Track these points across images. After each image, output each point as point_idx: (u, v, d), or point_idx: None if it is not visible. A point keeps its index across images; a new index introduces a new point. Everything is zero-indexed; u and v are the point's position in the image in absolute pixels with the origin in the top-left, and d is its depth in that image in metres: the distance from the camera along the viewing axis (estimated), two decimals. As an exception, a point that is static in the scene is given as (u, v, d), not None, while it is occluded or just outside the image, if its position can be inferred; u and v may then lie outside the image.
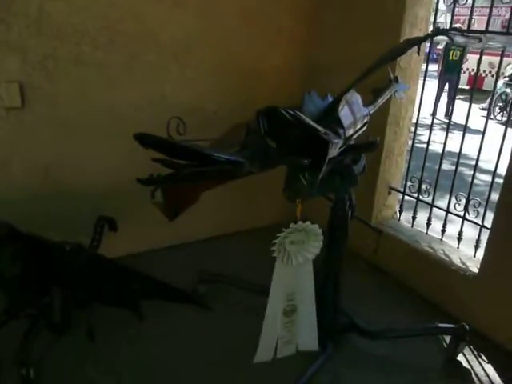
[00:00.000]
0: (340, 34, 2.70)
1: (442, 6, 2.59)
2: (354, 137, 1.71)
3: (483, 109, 8.23)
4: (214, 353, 1.96)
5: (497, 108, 8.24)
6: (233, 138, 1.85)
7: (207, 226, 2.98)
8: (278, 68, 2.87)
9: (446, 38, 1.23)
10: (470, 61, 9.26)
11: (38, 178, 2.32)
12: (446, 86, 7.90)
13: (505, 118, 7.90)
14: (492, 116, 7.68)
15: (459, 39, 1.25)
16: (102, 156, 2.45)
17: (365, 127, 1.77)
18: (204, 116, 2.64)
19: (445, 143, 2.46)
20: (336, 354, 1.90)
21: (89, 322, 1.69)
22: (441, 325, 1.99)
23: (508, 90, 8.22)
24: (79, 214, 2.27)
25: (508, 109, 7.93)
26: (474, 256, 2.32)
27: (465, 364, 1.96)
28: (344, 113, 1.60)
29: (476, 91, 2.61)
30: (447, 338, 2.06)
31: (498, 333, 2.05)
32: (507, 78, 8.54)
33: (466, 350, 2.03)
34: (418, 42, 1.23)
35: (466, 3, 2.20)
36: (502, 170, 2.09)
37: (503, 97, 8.26)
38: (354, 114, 1.68)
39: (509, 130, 2.19)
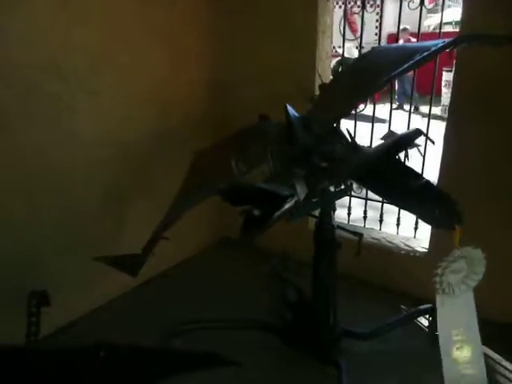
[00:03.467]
0: (249, 48, 2.67)
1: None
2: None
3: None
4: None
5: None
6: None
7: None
8: (188, 87, 2.69)
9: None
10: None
11: None
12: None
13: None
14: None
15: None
16: (11, 219, 1.93)
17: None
18: (122, 148, 2.31)
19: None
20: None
21: None
22: (421, 307, 2.14)
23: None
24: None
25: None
26: (414, 237, 2.57)
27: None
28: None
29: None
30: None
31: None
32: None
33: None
34: (448, 46, 1.26)
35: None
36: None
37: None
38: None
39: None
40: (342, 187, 1.73)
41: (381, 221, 2.68)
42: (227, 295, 2.51)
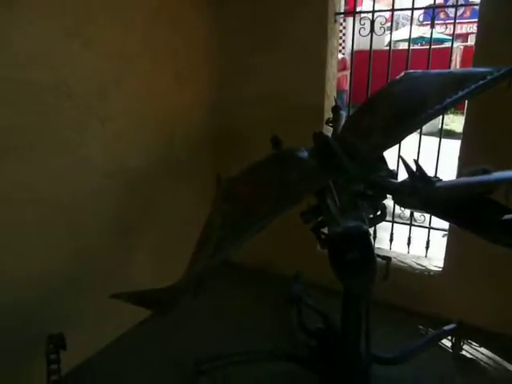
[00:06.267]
0: (257, 69, 2.64)
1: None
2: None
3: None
4: None
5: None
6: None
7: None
8: (193, 110, 2.61)
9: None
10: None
11: None
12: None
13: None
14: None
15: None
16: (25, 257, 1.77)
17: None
18: (127, 175, 2.21)
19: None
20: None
21: None
22: (446, 328, 2.13)
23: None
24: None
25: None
26: (426, 256, 2.58)
27: (467, 354, 2.17)
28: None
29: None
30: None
31: (475, 319, 2.29)
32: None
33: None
34: (505, 75, 1.25)
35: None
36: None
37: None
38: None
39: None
40: (378, 213, 1.70)
41: (391, 240, 2.69)
42: (239, 324, 2.43)
